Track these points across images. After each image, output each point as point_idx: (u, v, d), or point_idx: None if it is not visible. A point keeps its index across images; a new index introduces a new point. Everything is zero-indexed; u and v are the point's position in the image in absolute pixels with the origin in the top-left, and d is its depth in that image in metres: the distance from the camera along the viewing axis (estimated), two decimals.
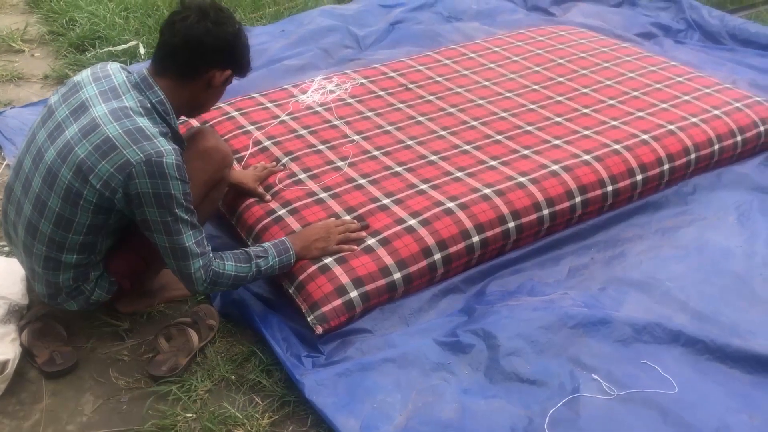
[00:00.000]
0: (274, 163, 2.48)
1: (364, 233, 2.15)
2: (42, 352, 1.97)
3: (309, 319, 2.01)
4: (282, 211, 2.29)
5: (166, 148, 1.74)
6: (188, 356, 1.97)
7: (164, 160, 1.73)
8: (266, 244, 2.02)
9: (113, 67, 1.92)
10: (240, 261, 1.92)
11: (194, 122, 2.66)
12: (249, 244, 2.26)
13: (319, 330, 1.99)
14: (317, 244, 2.09)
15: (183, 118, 2.13)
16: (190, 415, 1.84)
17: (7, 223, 1.98)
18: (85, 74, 1.92)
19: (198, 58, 1.82)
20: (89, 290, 1.96)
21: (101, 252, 1.93)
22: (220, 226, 2.46)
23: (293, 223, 2.23)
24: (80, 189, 1.76)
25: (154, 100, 1.82)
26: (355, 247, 2.11)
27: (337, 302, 2.01)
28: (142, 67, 1.95)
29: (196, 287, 1.87)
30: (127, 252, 1.96)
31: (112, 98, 1.80)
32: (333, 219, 2.20)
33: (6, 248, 2.36)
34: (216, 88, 1.90)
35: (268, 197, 2.35)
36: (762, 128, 2.85)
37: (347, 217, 2.22)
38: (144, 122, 1.77)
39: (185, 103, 1.89)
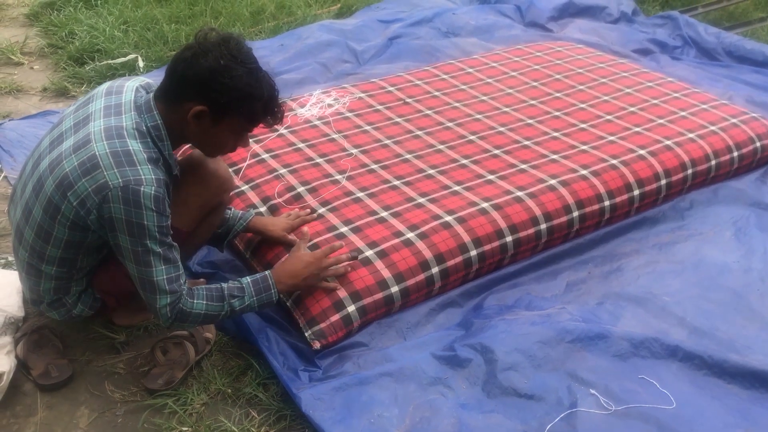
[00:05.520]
0: (308, 210, 2.33)
1: (350, 268, 2.07)
2: (37, 365, 1.96)
3: (307, 334, 2.00)
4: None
5: (147, 177, 1.68)
6: (184, 369, 1.97)
7: (142, 189, 1.67)
8: (245, 281, 1.90)
9: (129, 84, 1.87)
10: (212, 299, 1.84)
11: None
12: None
13: (317, 345, 1.99)
14: (308, 281, 2.00)
15: None
16: (186, 428, 1.83)
17: (10, 222, 1.98)
18: (102, 87, 1.89)
19: (175, 86, 1.76)
20: (71, 303, 1.94)
21: (83, 268, 1.90)
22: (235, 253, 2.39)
23: None
24: (59, 203, 1.74)
25: (149, 124, 1.76)
26: (339, 286, 2.04)
27: (335, 317, 2.01)
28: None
29: (160, 322, 1.83)
30: (113, 270, 1.89)
31: (112, 115, 1.77)
32: (323, 249, 2.07)
33: (2, 260, 2.36)
34: (192, 123, 1.75)
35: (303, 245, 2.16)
36: (758, 144, 2.87)
37: (337, 242, 2.12)
38: (135, 145, 1.71)
39: (177, 133, 1.81)
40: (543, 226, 2.35)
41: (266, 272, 1.95)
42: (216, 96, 1.73)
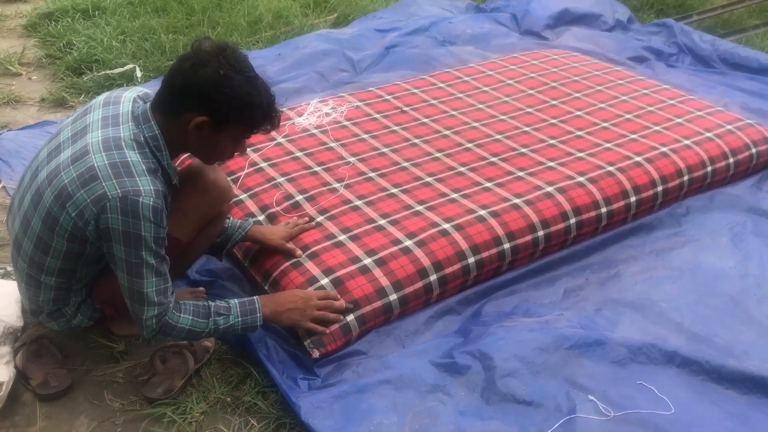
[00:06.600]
0: (306, 219, 2.34)
1: (341, 317, 2.04)
2: (36, 375, 1.96)
3: (306, 343, 2.00)
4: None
5: (146, 188, 1.69)
6: (184, 378, 1.97)
7: (141, 200, 1.67)
8: (233, 302, 1.91)
9: (127, 95, 1.87)
10: (198, 315, 1.84)
11: None
12: (266, 288, 2.18)
13: (316, 354, 1.99)
14: (291, 314, 1.97)
15: None
16: None
17: (9, 233, 1.98)
18: (100, 98, 1.89)
19: (174, 98, 1.76)
20: (70, 314, 1.94)
21: (82, 279, 1.91)
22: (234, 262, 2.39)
23: (313, 268, 2.13)
24: (57, 215, 1.74)
25: (147, 135, 1.77)
26: (327, 330, 2.00)
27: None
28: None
29: (143, 333, 1.82)
30: (113, 280, 1.86)
31: (110, 126, 1.77)
32: (318, 291, 2.06)
33: (0, 270, 2.36)
34: (193, 134, 1.76)
35: (299, 252, 2.19)
36: (754, 150, 2.88)
37: (333, 291, 2.07)
38: (133, 156, 1.72)
39: (176, 143, 1.81)
40: (540, 233, 2.36)
41: (254, 297, 1.96)
42: (217, 106, 1.73)
